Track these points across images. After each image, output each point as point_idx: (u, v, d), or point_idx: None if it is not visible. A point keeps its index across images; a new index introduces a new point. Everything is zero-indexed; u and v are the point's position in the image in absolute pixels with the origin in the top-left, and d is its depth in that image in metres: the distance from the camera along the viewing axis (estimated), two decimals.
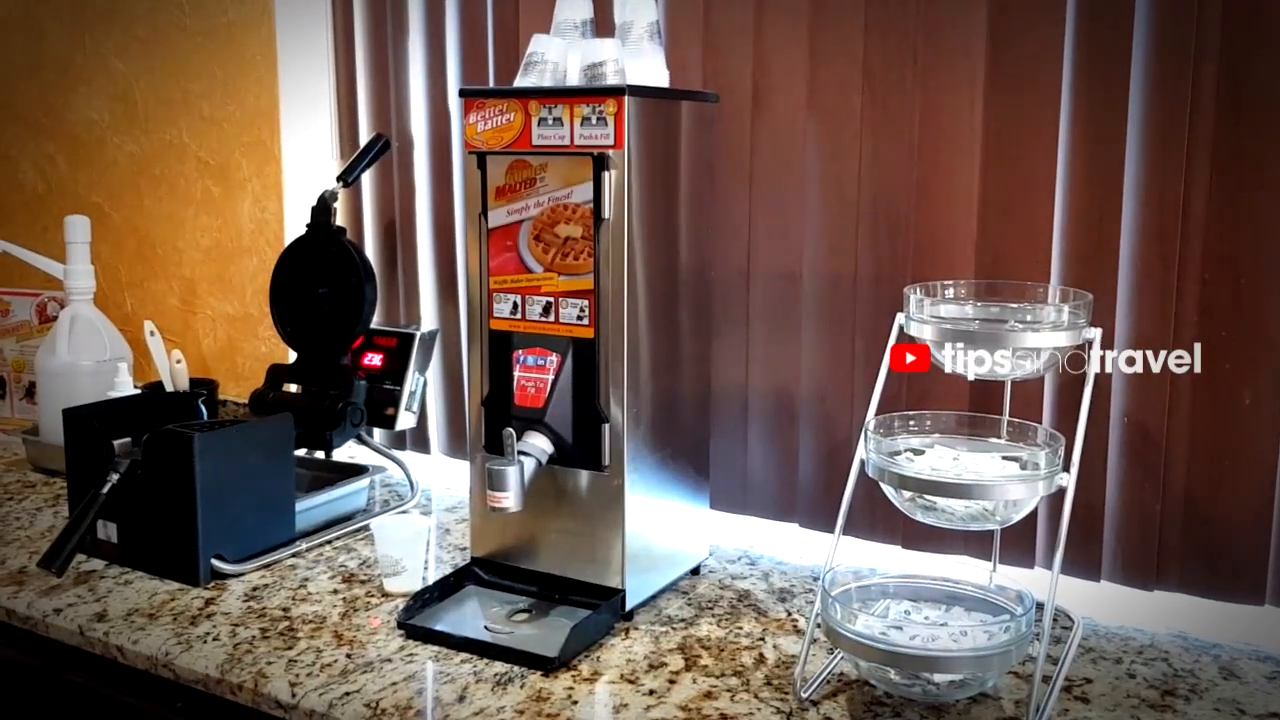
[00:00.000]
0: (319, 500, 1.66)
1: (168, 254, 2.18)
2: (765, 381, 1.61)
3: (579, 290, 1.36)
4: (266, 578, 1.51)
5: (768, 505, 1.63)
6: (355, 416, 1.75)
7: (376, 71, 1.94)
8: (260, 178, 2.04)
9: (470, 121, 1.41)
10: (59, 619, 1.39)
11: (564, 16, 1.48)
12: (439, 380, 1.93)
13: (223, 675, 1.25)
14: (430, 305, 1.94)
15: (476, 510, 1.48)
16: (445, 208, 1.89)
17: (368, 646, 1.30)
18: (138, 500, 1.52)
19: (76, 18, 2.23)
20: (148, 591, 1.46)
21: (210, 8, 2.05)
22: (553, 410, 1.38)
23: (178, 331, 2.17)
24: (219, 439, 1.51)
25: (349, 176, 1.84)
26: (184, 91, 2.12)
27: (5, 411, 2.20)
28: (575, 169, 1.35)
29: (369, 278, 1.77)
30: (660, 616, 1.39)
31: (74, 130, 2.28)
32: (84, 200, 2.27)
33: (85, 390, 1.86)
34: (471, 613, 1.39)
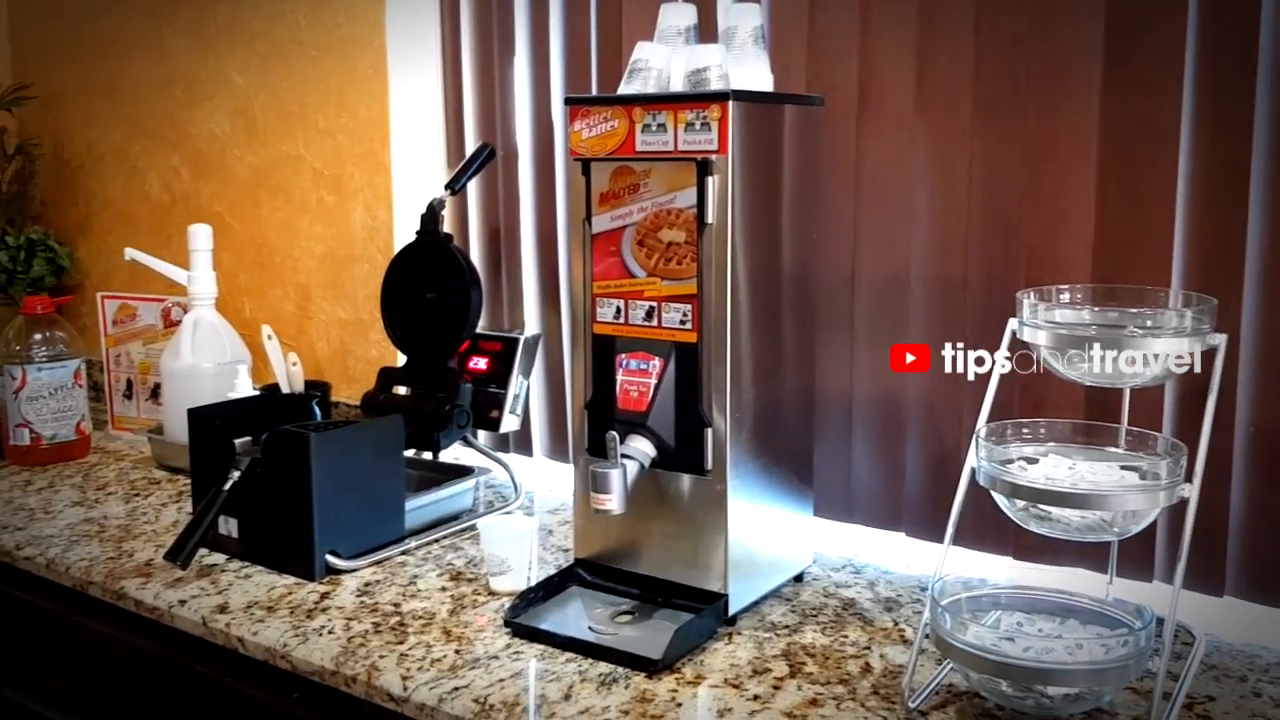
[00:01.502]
0: (427, 500, 1.70)
1: (284, 261, 2.26)
2: (870, 387, 1.59)
3: (682, 295, 1.36)
4: (378, 574, 1.55)
5: (873, 513, 1.61)
6: (461, 419, 1.79)
7: (483, 82, 1.98)
8: (371, 187, 2.10)
9: (575, 129, 1.43)
10: (184, 610, 1.45)
11: (668, 23, 1.49)
12: (541, 384, 1.95)
13: (337, 667, 1.28)
14: (533, 310, 1.97)
15: (580, 512, 1.49)
16: (548, 214, 1.92)
17: (475, 643, 1.33)
18: (257, 497, 1.58)
19: (200, 36, 2.32)
20: (266, 585, 1.51)
21: (325, 23, 2.12)
22: (655, 414, 1.39)
23: (293, 335, 2.24)
24: (334, 439, 1.55)
25: (456, 185, 1.88)
26: (300, 105, 2.19)
27: (131, 411, 2.30)
28: (679, 174, 1.36)
29: (475, 283, 1.81)
30: (763, 622, 1.39)
31: (197, 144, 2.37)
32: (206, 210, 2.36)
33: (207, 391, 1.94)
34: (575, 613, 1.40)
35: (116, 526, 1.75)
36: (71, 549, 1.65)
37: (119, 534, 1.72)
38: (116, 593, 1.53)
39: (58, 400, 2.09)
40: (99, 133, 2.56)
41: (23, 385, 2.06)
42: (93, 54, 2.54)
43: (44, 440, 2.08)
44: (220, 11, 2.28)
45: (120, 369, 2.30)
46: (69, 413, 2.11)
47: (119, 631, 1.56)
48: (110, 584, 1.54)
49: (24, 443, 2.08)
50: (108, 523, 1.77)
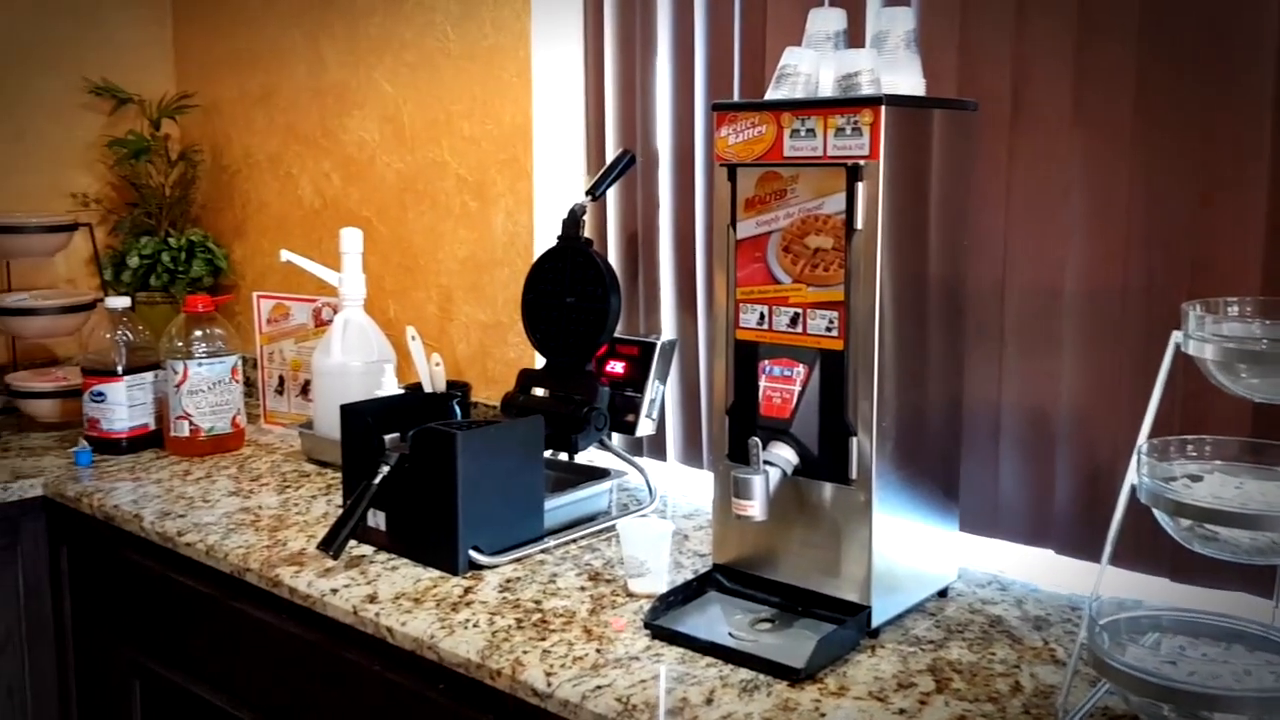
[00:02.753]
0: (565, 500, 1.72)
1: (428, 264, 2.33)
2: (1020, 400, 1.55)
3: (828, 301, 1.36)
4: (518, 571, 1.58)
5: (1020, 529, 1.57)
6: (599, 421, 1.81)
7: (624, 89, 2.00)
8: (513, 193, 2.15)
9: (721, 134, 1.44)
10: (335, 598, 1.50)
11: (816, 28, 1.49)
12: (676, 389, 1.96)
13: (483, 661, 1.31)
14: (669, 315, 1.98)
15: (718, 518, 1.50)
16: (687, 220, 1.93)
17: (616, 643, 1.34)
18: (404, 492, 1.62)
19: (353, 47, 2.41)
20: (412, 578, 1.56)
21: (472, 34, 2.18)
22: (798, 421, 1.38)
23: (435, 336, 2.31)
24: (478, 438, 1.59)
25: (597, 190, 1.91)
26: (447, 112, 2.25)
27: (283, 407, 2.40)
28: (827, 180, 1.35)
29: (614, 288, 1.83)
30: (907, 636, 1.37)
31: (348, 150, 2.46)
32: (355, 214, 2.45)
33: (355, 389, 2.01)
34: (715, 618, 1.40)
35: (270, 516, 1.83)
36: (229, 536, 1.73)
37: (273, 523, 1.79)
38: (272, 580, 1.59)
39: (216, 394, 2.20)
40: (256, 140, 2.68)
41: (184, 379, 2.17)
42: (251, 65, 2.66)
43: (202, 432, 2.19)
44: (372, 23, 2.37)
45: (273, 366, 2.40)
46: (226, 406, 2.21)
47: (273, 617, 1.63)
48: (266, 571, 1.60)
49: (184, 434, 2.19)
50: (262, 512, 1.85)
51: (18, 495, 2.05)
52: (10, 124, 2.60)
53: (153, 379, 2.23)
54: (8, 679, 2.09)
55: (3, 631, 2.08)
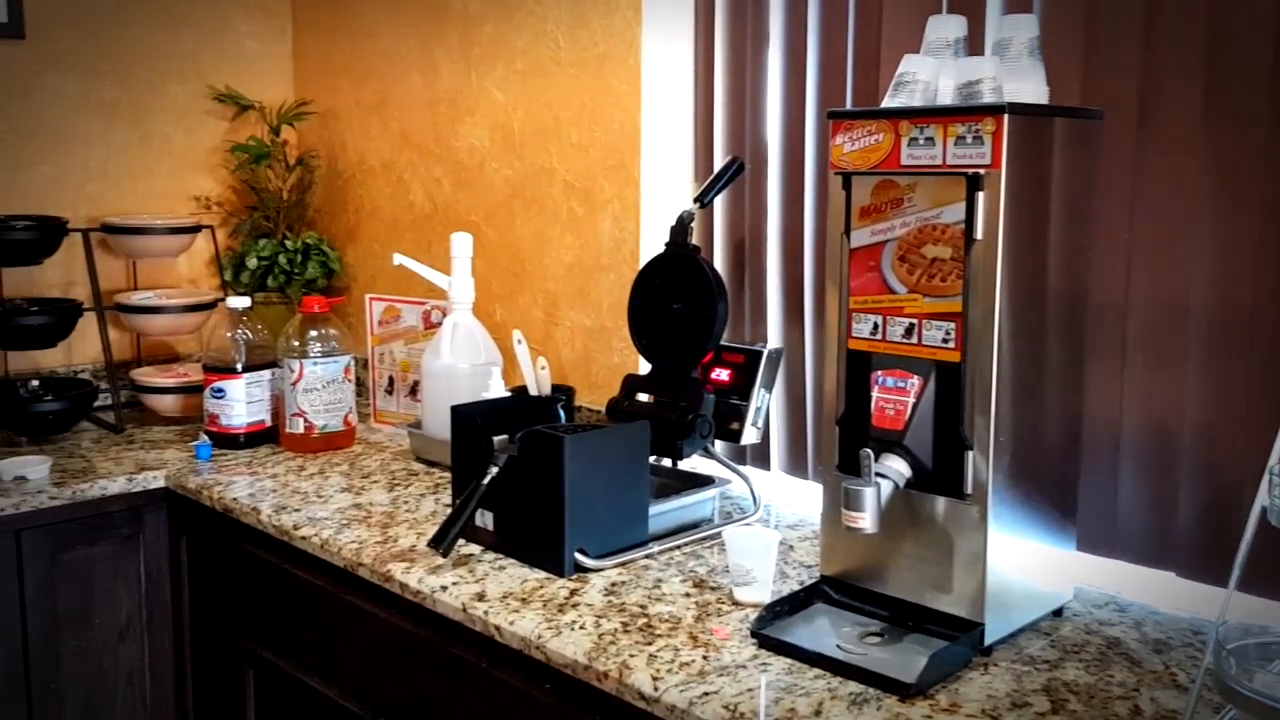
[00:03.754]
0: (670, 506, 1.73)
1: (534, 269, 2.36)
2: (1142, 416, 1.51)
3: (945, 312, 1.34)
4: (623, 575, 1.59)
5: (1141, 550, 1.52)
6: (704, 428, 1.81)
7: (734, 96, 2.00)
8: (621, 199, 2.16)
9: (837, 142, 1.43)
10: (445, 595, 1.53)
11: (936, 35, 1.47)
12: (782, 398, 1.96)
13: (590, 662, 1.33)
14: (776, 323, 1.97)
15: (827, 529, 1.48)
16: (795, 228, 1.92)
17: (722, 651, 1.34)
18: (512, 493, 1.65)
19: (466, 55, 2.46)
20: (519, 578, 1.58)
21: (583, 41, 2.20)
22: (912, 433, 1.37)
23: (540, 340, 2.34)
24: (586, 442, 1.61)
25: (705, 198, 1.91)
26: (556, 120, 2.28)
27: (392, 406, 2.46)
28: (946, 189, 1.33)
29: (722, 296, 1.83)
30: (1021, 655, 1.34)
31: (459, 157, 2.51)
32: (464, 220, 2.49)
33: (463, 390, 2.05)
34: (822, 630, 1.39)
35: (381, 513, 1.87)
36: (342, 532, 1.78)
37: (383, 520, 1.84)
38: (383, 575, 1.63)
39: (329, 393, 2.26)
40: (370, 146, 2.75)
41: (299, 378, 2.23)
42: (367, 74, 2.73)
43: (316, 429, 2.25)
44: (484, 32, 2.41)
45: (383, 366, 2.46)
46: (338, 405, 2.27)
47: (384, 612, 1.67)
48: (378, 566, 1.64)
49: (298, 431, 2.25)
50: (373, 509, 1.90)
51: (141, 486, 2.14)
52: (139, 129, 2.72)
53: (270, 377, 2.31)
54: (128, 665, 2.18)
55: (124, 619, 2.17)
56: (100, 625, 2.13)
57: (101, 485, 2.09)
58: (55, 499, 2.04)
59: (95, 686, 2.14)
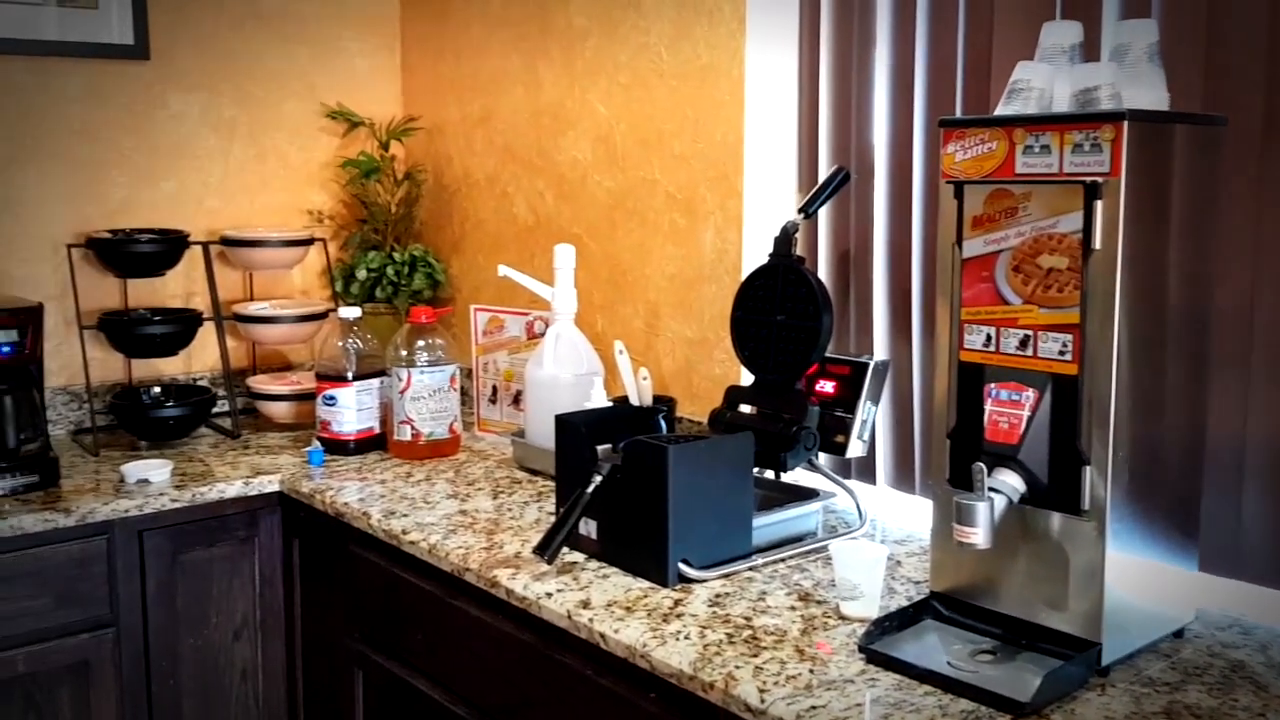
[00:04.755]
0: (773, 519, 1.72)
1: (636, 280, 2.38)
2: (1269, 433, 1.45)
3: (1062, 324, 1.31)
4: (727, 586, 1.58)
5: (1267, 571, 1.46)
6: (808, 441, 1.80)
7: (839, 106, 1.99)
8: (723, 210, 2.17)
9: (948, 151, 1.41)
10: (550, 602, 1.55)
11: (1051, 41, 1.44)
12: (888, 411, 1.93)
13: (695, 672, 1.33)
14: (882, 335, 1.95)
15: (937, 544, 1.46)
16: (902, 238, 1.90)
17: (829, 665, 1.33)
18: (615, 502, 1.66)
19: (569, 69, 2.50)
20: (623, 586, 1.59)
21: (685, 54, 2.22)
22: (1026, 448, 1.34)
23: (641, 351, 2.35)
24: (689, 452, 1.61)
25: (810, 208, 1.90)
26: (658, 132, 2.29)
27: (495, 415, 2.49)
28: (1062, 198, 1.31)
29: (827, 307, 1.82)
30: (1139, 677, 1.30)
31: (561, 169, 2.55)
32: (566, 231, 2.52)
33: (565, 400, 2.07)
34: (932, 646, 1.37)
35: (486, 520, 1.90)
36: (449, 537, 1.81)
37: (489, 526, 1.87)
38: (490, 581, 1.65)
39: (435, 401, 2.30)
40: (475, 160, 2.80)
41: (407, 386, 2.28)
42: (472, 89, 2.79)
43: (422, 437, 2.30)
44: (588, 47, 2.44)
45: (487, 375, 2.50)
46: (444, 413, 2.32)
47: (490, 617, 1.69)
48: (484, 572, 1.67)
49: (405, 438, 2.30)
50: (478, 515, 1.93)
51: (257, 490, 2.21)
52: (256, 146, 2.82)
53: (378, 385, 2.36)
54: (242, 663, 2.25)
55: (239, 618, 2.24)
56: (216, 624, 2.21)
57: (219, 489, 2.17)
58: (176, 501, 2.12)
59: (211, 683, 2.21)
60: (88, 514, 2.03)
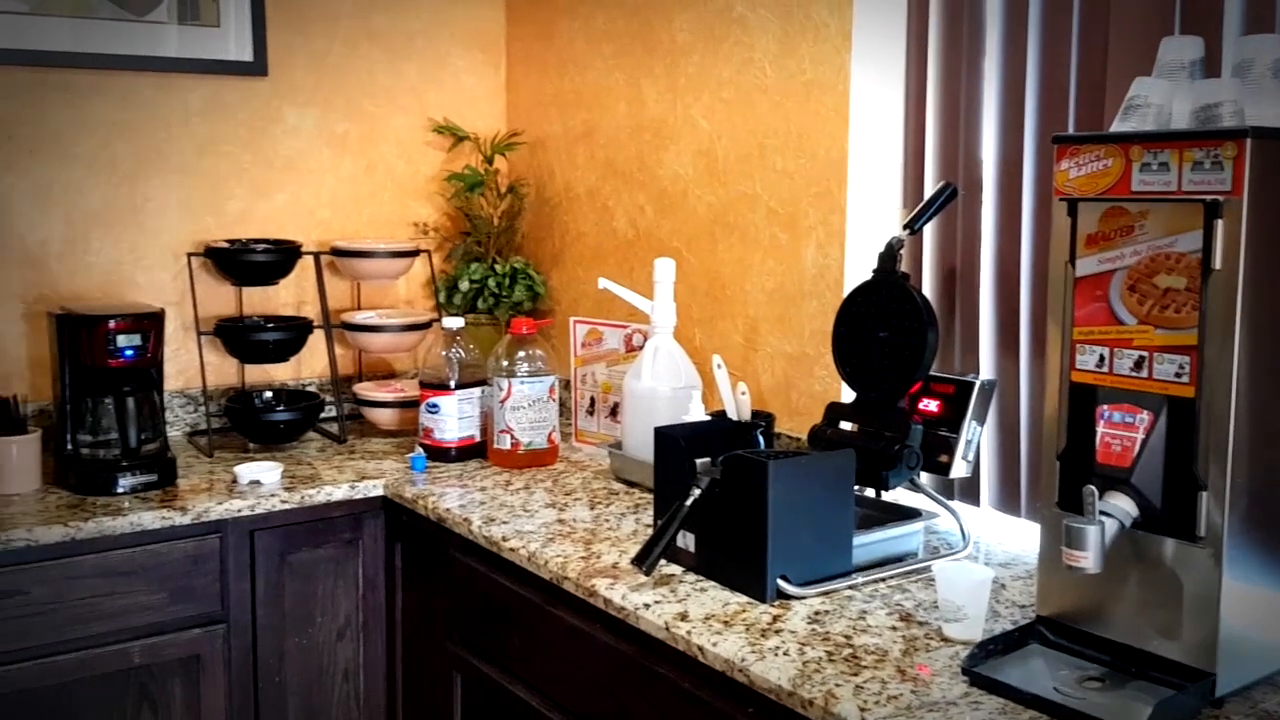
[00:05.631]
0: (875, 537, 1.71)
1: (735, 295, 2.38)
2: None
3: (1179, 345, 1.28)
4: (826, 604, 1.58)
5: None
6: (911, 460, 1.78)
7: (947, 121, 1.97)
8: (825, 226, 2.16)
9: (1062, 168, 1.39)
10: (648, 613, 1.56)
11: (1169, 57, 1.41)
12: (993, 431, 1.90)
13: (794, 689, 1.32)
14: (988, 354, 1.92)
15: (1044, 567, 1.43)
16: (1010, 255, 1.87)
17: (931, 686, 1.31)
18: (714, 516, 1.66)
19: (672, 85, 2.52)
20: (721, 600, 1.59)
21: (790, 69, 2.22)
22: (1140, 471, 1.31)
23: (739, 366, 2.35)
24: (790, 468, 1.61)
25: (915, 224, 1.89)
26: (760, 147, 2.30)
27: (592, 426, 2.52)
28: (1181, 216, 1.28)
29: (932, 324, 1.80)
30: (1256, 709, 1.25)
31: (662, 184, 2.57)
32: (666, 245, 2.54)
33: (663, 413, 2.08)
34: (1038, 671, 1.35)
35: (584, 530, 1.93)
36: (548, 546, 1.84)
37: (586, 536, 1.89)
38: (588, 590, 1.67)
39: (535, 411, 2.34)
40: (576, 174, 2.84)
41: (508, 396, 2.32)
42: (575, 104, 2.83)
43: (521, 446, 2.34)
44: (691, 62, 2.46)
45: (585, 387, 2.53)
46: (543, 423, 2.35)
47: (587, 625, 1.71)
48: (583, 581, 1.69)
49: (505, 447, 2.34)
50: (576, 525, 1.95)
51: (362, 494, 2.27)
52: (366, 159, 2.90)
53: (480, 394, 2.41)
54: (345, 663, 2.31)
55: (343, 619, 2.30)
56: (321, 624, 2.27)
57: (327, 491, 2.23)
58: (285, 503, 2.19)
59: (315, 682, 2.28)
60: (202, 513, 2.11)
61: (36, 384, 2.47)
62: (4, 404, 2.21)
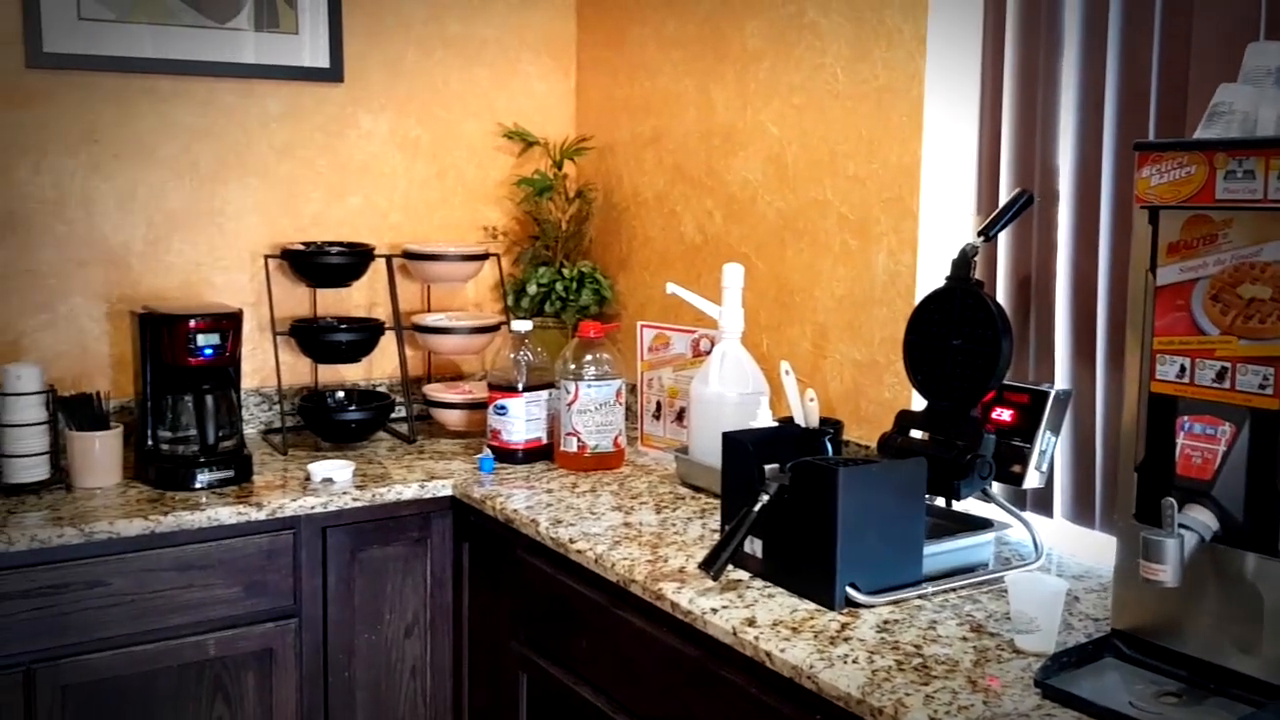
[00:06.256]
0: (946, 547, 1.69)
1: (804, 301, 2.37)
2: None
3: (1263, 356, 1.25)
4: (895, 613, 1.56)
5: None
6: (983, 469, 1.76)
7: (1022, 127, 1.95)
8: (897, 232, 2.15)
9: (1143, 175, 1.37)
10: (715, 618, 1.56)
11: (1255, 63, 1.39)
12: (1067, 442, 1.87)
13: (864, 696, 1.32)
14: (1063, 363, 1.89)
15: (1120, 580, 1.41)
16: (1087, 264, 1.84)
17: (1003, 697, 1.30)
18: (782, 522, 1.66)
19: (742, 91, 2.52)
20: (788, 607, 1.59)
21: (862, 75, 2.21)
22: (1220, 484, 1.28)
23: (807, 373, 2.34)
24: (860, 475, 1.60)
25: (991, 231, 1.87)
26: (831, 153, 2.29)
27: (658, 431, 2.53)
28: (1267, 225, 1.25)
29: (1006, 332, 1.78)
30: None
31: (731, 189, 2.57)
32: (734, 251, 2.54)
33: (730, 418, 2.08)
34: (1113, 685, 1.32)
35: (650, 534, 1.93)
36: (615, 548, 1.85)
37: (653, 540, 1.89)
38: (655, 593, 1.68)
39: (601, 415, 2.36)
40: (644, 179, 2.86)
41: (575, 399, 2.34)
42: (644, 110, 2.84)
43: (588, 449, 2.35)
44: (762, 69, 2.46)
45: (651, 391, 2.54)
46: (609, 427, 2.37)
47: (653, 629, 1.72)
48: (650, 585, 1.70)
49: (571, 450, 2.36)
50: (643, 529, 1.96)
51: (431, 494, 2.30)
52: (438, 164, 2.94)
53: (547, 397, 2.43)
54: (412, 659, 2.34)
55: (411, 617, 2.33)
56: (389, 621, 2.31)
57: (397, 490, 2.26)
58: (357, 500, 2.23)
59: (383, 678, 2.31)
60: (277, 509, 2.15)
61: (119, 381, 2.55)
62: (88, 400, 2.29)
